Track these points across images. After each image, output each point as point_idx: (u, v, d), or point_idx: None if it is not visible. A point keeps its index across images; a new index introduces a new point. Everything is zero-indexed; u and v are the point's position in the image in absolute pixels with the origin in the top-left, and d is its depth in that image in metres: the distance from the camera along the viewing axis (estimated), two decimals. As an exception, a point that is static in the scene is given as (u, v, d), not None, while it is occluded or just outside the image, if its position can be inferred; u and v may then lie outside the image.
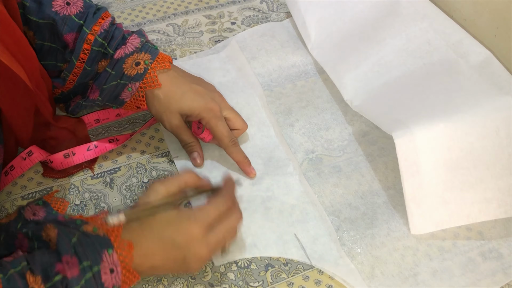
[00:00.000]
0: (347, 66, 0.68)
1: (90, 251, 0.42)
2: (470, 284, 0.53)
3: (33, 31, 0.55)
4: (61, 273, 0.41)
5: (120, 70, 0.56)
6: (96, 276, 0.42)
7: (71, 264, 0.41)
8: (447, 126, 0.55)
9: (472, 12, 0.69)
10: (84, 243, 0.43)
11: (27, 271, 0.40)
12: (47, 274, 0.40)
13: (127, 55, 0.56)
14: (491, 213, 0.58)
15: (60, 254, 0.42)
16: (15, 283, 0.39)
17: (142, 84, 0.56)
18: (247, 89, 0.69)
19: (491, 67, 0.60)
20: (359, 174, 0.62)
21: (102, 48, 0.56)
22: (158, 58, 0.57)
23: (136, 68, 0.56)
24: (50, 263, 0.41)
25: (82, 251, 0.42)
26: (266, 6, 0.83)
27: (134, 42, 0.57)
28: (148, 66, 0.56)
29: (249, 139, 0.63)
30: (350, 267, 0.53)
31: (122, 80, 0.56)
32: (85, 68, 0.57)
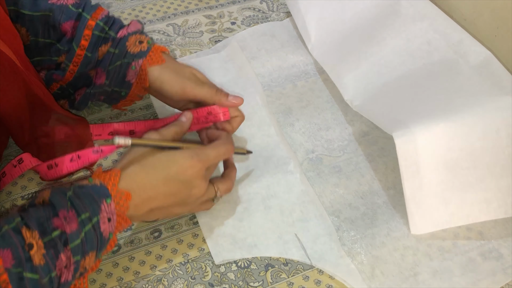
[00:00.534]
0: (347, 66, 0.67)
1: (88, 202, 0.42)
2: (470, 284, 0.53)
3: (26, 27, 0.55)
4: (60, 228, 0.40)
5: (123, 48, 0.56)
6: (96, 227, 0.42)
7: (69, 219, 0.41)
8: (447, 126, 0.55)
9: (472, 12, 0.69)
10: (80, 194, 0.43)
11: (22, 226, 0.39)
12: (44, 229, 0.40)
13: (130, 34, 0.57)
14: (491, 213, 0.58)
15: (56, 208, 0.41)
16: (10, 239, 0.38)
17: (146, 61, 0.56)
18: (248, 88, 0.69)
19: (491, 67, 0.60)
20: (359, 174, 0.62)
21: (103, 33, 0.56)
22: (155, 45, 0.57)
23: (139, 46, 0.56)
24: (46, 217, 0.40)
25: (79, 203, 0.42)
26: (266, 6, 0.83)
27: (137, 25, 0.58)
28: (151, 45, 0.56)
29: (250, 138, 0.63)
30: (350, 267, 0.53)
31: (125, 58, 0.56)
32: (86, 56, 0.56)
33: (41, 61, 0.57)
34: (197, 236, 0.56)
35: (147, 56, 0.56)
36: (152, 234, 0.56)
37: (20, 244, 0.38)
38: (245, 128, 0.64)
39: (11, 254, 0.38)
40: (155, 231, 0.56)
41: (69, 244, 0.40)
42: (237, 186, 0.59)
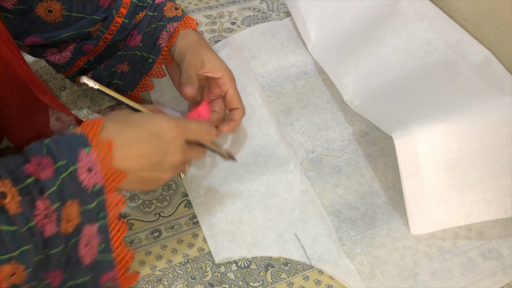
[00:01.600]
0: (347, 66, 0.68)
1: (65, 150, 0.40)
2: (470, 284, 0.53)
3: (61, 2, 0.55)
4: (33, 175, 0.38)
5: (161, 11, 0.59)
6: (73, 175, 0.40)
7: (44, 165, 0.39)
8: (446, 126, 0.55)
9: (472, 12, 0.69)
10: (59, 141, 0.41)
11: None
12: (16, 176, 0.38)
13: (166, 1, 0.60)
14: (491, 213, 0.58)
15: (27, 155, 0.39)
16: None
17: (180, 24, 0.59)
18: (247, 87, 0.69)
19: (491, 67, 0.60)
20: (359, 174, 0.62)
21: (141, 2, 0.59)
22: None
23: (175, 11, 0.60)
24: (17, 164, 0.38)
25: (57, 150, 0.40)
26: (266, 6, 0.83)
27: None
28: (185, 13, 0.60)
29: (250, 137, 0.63)
30: (349, 268, 0.53)
31: (161, 21, 0.59)
32: (123, 22, 0.58)
33: (69, 36, 0.57)
34: (197, 236, 0.56)
35: (182, 20, 0.59)
36: (152, 234, 0.56)
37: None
38: (245, 127, 0.64)
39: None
40: (155, 231, 0.56)
41: (45, 191, 0.38)
42: (237, 182, 0.59)
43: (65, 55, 0.59)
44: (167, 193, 0.59)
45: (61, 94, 0.68)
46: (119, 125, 0.45)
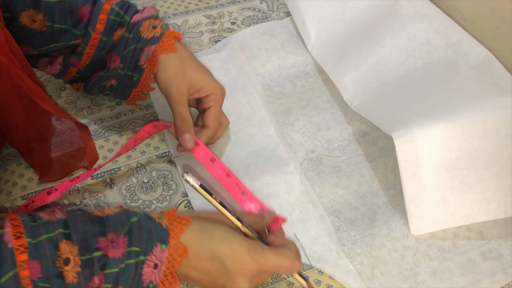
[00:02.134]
0: (347, 66, 0.68)
1: (144, 238, 0.40)
2: (470, 284, 0.53)
3: (43, 13, 0.55)
4: (103, 250, 0.38)
5: (137, 32, 0.57)
6: (139, 265, 0.40)
7: (116, 244, 0.39)
8: (446, 126, 0.55)
9: (472, 12, 0.69)
10: (142, 226, 0.41)
11: (61, 239, 0.37)
12: (87, 246, 0.38)
13: (144, 19, 0.57)
14: (491, 213, 0.58)
15: (106, 228, 0.39)
16: (43, 250, 0.36)
17: (158, 47, 0.56)
18: (248, 88, 0.69)
19: (491, 67, 0.60)
20: (359, 174, 0.62)
21: (118, 17, 0.57)
22: (170, 30, 0.58)
23: (153, 31, 0.56)
24: (93, 233, 0.39)
25: (136, 234, 0.40)
26: (266, 6, 0.83)
27: (151, 10, 0.58)
28: (164, 31, 0.57)
29: (250, 138, 0.63)
30: (349, 268, 0.53)
31: (139, 43, 0.57)
32: (101, 40, 0.57)
33: (57, 46, 0.57)
34: (197, 236, 0.56)
35: (160, 42, 0.56)
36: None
37: (51, 258, 0.37)
38: (245, 128, 0.64)
39: (39, 266, 0.36)
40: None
41: (106, 269, 0.39)
42: None
43: (55, 67, 0.59)
44: (167, 193, 0.59)
45: (62, 94, 0.68)
46: (201, 236, 0.44)
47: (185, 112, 0.56)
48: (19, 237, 0.37)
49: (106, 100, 0.68)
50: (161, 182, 0.60)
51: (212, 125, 0.58)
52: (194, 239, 0.43)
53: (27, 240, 0.36)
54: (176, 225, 0.43)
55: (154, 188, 0.59)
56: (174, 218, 0.43)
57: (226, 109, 0.66)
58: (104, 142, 0.63)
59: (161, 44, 0.56)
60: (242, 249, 0.43)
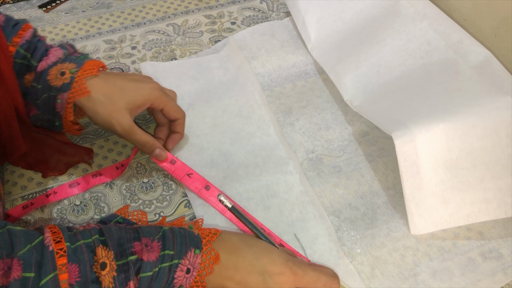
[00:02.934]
0: (347, 66, 0.67)
1: (178, 243, 0.41)
2: (470, 284, 0.53)
3: None
4: (138, 254, 0.39)
5: (46, 82, 0.52)
6: (172, 269, 0.40)
7: (151, 248, 0.40)
8: (446, 126, 0.55)
9: (472, 12, 0.69)
10: (176, 232, 0.42)
11: (98, 245, 0.38)
12: (122, 251, 0.39)
13: (50, 66, 0.52)
14: (491, 213, 0.57)
15: (139, 234, 0.40)
16: (81, 255, 0.37)
17: (71, 94, 0.51)
18: (247, 87, 0.69)
19: (491, 67, 0.60)
20: (359, 174, 0.62)
21: (25, 60, 0.52)
22: (84, 66, 0.53)
23: (61, 78, 0.52)
24: (127, 239, 0.39)
25: (170, 239, 0.41)
26: (266, 6, 0.83)
27: (57, 53, 0.54)
28: (74, 75, 0.52)
29: (249, 137, 0.63)
30: (349, 268, 0.53)
31: (51, 92, 0.52)
32: None
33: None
34: (197, 236, 0.56)
35: (71, 88, 0.51)
36: (152, 234, 0.56)
37: (89, 263, 0.37)
38: (244, 126, 0.64)
39: (78, 270, 0.37)
40: (155, 231, 0.56)
41: (141, 273, 0.39)
42: (236, 183, 0.59)
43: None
44: (167, 193, 0.59)
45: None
46: (235, 246, 0.45)
47: (140, 138, 0.54)
48: (58, 241, 0.38)
49: (106, 100, 0.68)
50: (161, 182, 0.60)
51: (179, 116, 0.58)
52: (228, 250, 0.44)
53: (66, 245, 0.37)
54: (207, 233, 0.44)
55: (154, 188, 0.59)
56: (204, 229, 0.45)
57: (225, 107, 0.66)
58: (104, 142, 0.63)
59: (73, 91, 0.51)
60: (281, 259, 0.44)
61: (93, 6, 0.82)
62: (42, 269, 0.36)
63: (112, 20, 0.79)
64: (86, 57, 0.54)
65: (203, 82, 0.70)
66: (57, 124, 0.55)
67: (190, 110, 0.66)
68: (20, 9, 0.80)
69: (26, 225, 0.55)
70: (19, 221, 0.55)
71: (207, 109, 0.66)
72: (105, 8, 0.81)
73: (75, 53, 0.56)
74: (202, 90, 0.69)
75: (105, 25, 0.78)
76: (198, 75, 0.71)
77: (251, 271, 0.44)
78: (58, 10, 0.81)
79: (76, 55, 0.55)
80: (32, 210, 0.56)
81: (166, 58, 0.74)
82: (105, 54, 0.74)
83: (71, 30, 0.77)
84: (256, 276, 0.44)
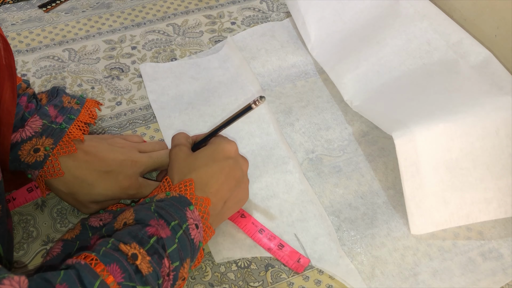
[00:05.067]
0: (347, 66, 0.68)
1: (173, 211, 0.42)
2: (470, 284, 0.53)
3: None
4: (155, 234, 0.40)
5: (16, 156, 0.49)
6: (187, 233, 0.42)
7: (161, 226, 0.40)
8: (447, 126, 0.55)
9: (472, 12, 0.69)
10: (164, 206, 0.42)
11: (119, 243, 0.38)
12: (141, 239, 0.39)
13: (23, 141, 0.50)
14: (491, 213, 0.57)
15: (145, 221, 0.41)
16: (112, 256, 0.37)
17: (42, 172, 0.49)
18: (246, 86, 0.69)
19: (491, 67, 0.60)
20: (359, 174, 0.62)
21: None
22: (62, 141, 0.50)
23: (34, 155, 0.49)
24: (138, 229, 0.40)
25: (165, 213, 0.41)
26: (266, 6, 0.83)
27: (34, 126, 0.51)
28: (49, 153, 0.49)
29: (249, 136, 0.63)
30: (349, 267, 0.53)
31: (21, 166, 0.50)
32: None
33: None
34: (197, 236, 0.56)
35: (44, 167, 0.49)
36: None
37: (123, 258, 0.37)
38: (244, 125, 0.64)
39: (118, 267, 0.37)
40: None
41: (167, 249, 0.40)
42: None
43: None
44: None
45: (61, 94, 0.68)
46: (200, 172, 0.47)
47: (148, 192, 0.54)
48: (86, 256, 0.38)
49: (106, 100, 0.68)
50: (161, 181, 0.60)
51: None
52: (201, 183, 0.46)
53: (94, 254, 0.37)
54: (184, 188, 0.45)
55: (154, 188, 0.59)
56: (177, 187, 0.46)
57: (224, 106, 0.66)
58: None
59: (45, 169, 0.49)
60: (224, 141, 0.50)
61: (93, 6, 0.82)
62: (85, 281, 0.35)
63: (112, 20, 0.79)
64: (69, 122, 0.52)
65: (202, 82, 0.70)
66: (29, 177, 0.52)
67: (189, 109, 0.66)
68: (20, 9, 0.80)
69: (26, 225, 0.55)
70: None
71: (207, 108, 0.66)
72: (105, 8, 0.81)
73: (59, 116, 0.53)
74: (202, 89, 0.69)
75: (105, 25, 0.78)
76: (198, 75, 0.71)
77: (220, 169, 0.48)
78: (58, 10, 0.81)
79: (58, 120, 0.52)
80: (33, 210, 0.56)
81: (166, 58, 0.74)
82: (105, 54, 0.74)
83: (71, 30, 0.77)
84: (225, 166, 0.49)
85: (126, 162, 0.53)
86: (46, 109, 0.53)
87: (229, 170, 0.49)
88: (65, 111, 0.54)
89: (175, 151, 0.51)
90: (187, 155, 0.50)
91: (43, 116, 0.52)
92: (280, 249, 0.54)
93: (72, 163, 0.51)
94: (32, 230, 0.55)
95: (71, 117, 0.53)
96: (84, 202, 0.52)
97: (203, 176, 0.47)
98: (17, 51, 0.73)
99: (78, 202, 0.52)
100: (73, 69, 0.71)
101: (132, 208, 0.43)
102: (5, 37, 0.46)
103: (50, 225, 0.55)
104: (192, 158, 0.49)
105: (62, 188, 0.51)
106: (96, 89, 0.69)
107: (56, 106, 0.54)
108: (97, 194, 0.52)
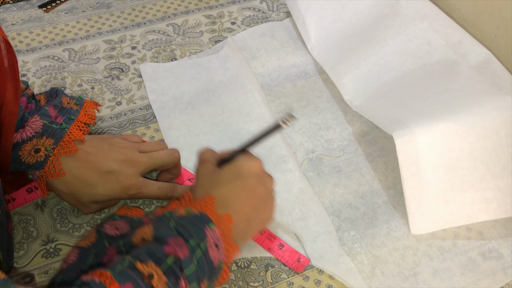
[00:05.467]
0: (347, 66, 0.68)
1: (192, 229, 0.41)
2: (470, 284, 0.53)
3: None
4: (172, 254, 0.39)
5: (17, 157, 0.49)
6: (205, 253, 0.40)
7: (179, 245, 0.39)
8: (447, 126, 0.55)
9: (472, 12, 0.69)
10: (183, 224, 0.41)
11: (135, 262, 0.37)
12: (158, 259, 0.38)
13: (24, 141, 0.50)
14: (491, 213, 0.58)
15: (163, 238, 0.40)
16: (127, 275, 0.36)
17: (43, 172, 0.50)
18: (246, 85, 0.69)
19: (491, 67, 0.60)
20: (359, 174, 0.62)
21: None
22: (63, 142, 0.51)
23: (35, 155, 0.49)
24: (156, 248, 0.39)
25: (185, 231, 0.40)
26: (266, 6, 0.83)
27: (35, 126, 0.51)
28: (49, 153, 0.49)
29: (248, 135, 0.63)
30: (349, 266, 0.53)
31: (22, 166, 0.50)
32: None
33: None
34: (197, 236, 0.55)
35: (44, 167, 0.49)
36: (152, 234, 0.55)
37: (139, 278, 0.36)
38: (244, 124, 0.64)
39: (133, 287, 0.36)
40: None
41: (184, 270, 0.39)
42: None
43: None
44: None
45: (61, 94, 0.68)
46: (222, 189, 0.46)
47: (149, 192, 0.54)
48: (101, 274, 0.37)
49: (106, 100, 0.68)
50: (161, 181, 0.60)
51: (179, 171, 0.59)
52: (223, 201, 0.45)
53: (109, 272, 0.36)
54: (205, 205, 0.44)
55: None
56: (198, 203, 0.44)
57: (224, 106, 0.66)
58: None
59: (46, 169, 0.49)
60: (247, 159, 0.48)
61: (93, 6, 0.82)
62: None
63: (112, 20, 0.79)
64: (70, 122, 0.52)
65: (202, 82, 0.70)
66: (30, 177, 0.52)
67: (189, 109, 0.66)
68: (20, 9, 0.80)
69: (26, 225, 0.55)
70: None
71: (207, 107, 0.66)
72: (105, 8, 0.81)
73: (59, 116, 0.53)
74: (202, 89, 0.69)
75: (105, 25, 0.78)
76: (198, 75, 0.71)
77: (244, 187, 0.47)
78: (58, 10, 0.81)
79: (59, 121, 0.52)
80: (33, 210, 0.56)
81: (166, 58, 0.74)
82: (105, 54, 0.74)
83: (71, 30, 0.77)
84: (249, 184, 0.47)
85: (127, 162, 0.53)
86: (46, 109, 0.53)
87: (252, 187, 0.47)
88: (65, 112, 0.54)
89: (201, 168, 0.49)
90: (211, 171, 0.48)
91: (44, 116, 0.52)
92: (280, 249, 0.54)
93: (73, 163, 0.51)
94: (32, 230, 0.55)
95: (71, 118, 0.53)
96: (84, 202, 0.52)
97: (225, 193, 0.46)
98: (17, 51, 0.73)
99: (78, 202, 0.53)
100: (73, 69, 0.72)
101: (151, 223, 0.42)
102: (8, 38, 0.46)
103: (50, 225, 0.55)
104: (215, 175, 0.48)
105: (63, 188, 0.51)
106: (96, 89, 0.69)
107: (56, 106, 0.54)
108: (98, 194, 0.52)
